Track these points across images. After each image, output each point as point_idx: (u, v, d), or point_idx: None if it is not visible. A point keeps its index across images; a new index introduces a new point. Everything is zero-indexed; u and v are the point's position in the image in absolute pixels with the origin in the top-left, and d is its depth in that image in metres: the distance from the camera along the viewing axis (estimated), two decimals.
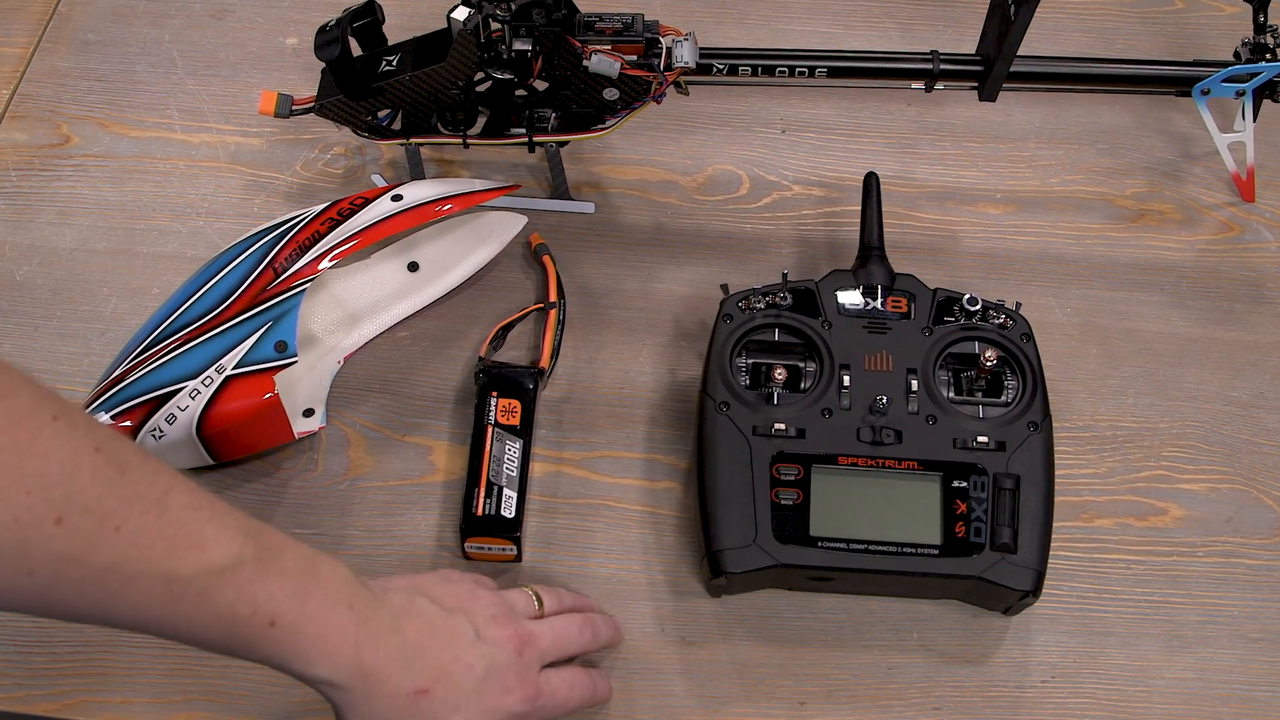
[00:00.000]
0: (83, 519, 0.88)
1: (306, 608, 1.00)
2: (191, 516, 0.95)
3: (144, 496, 0.92)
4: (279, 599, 0.98)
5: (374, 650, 1.03)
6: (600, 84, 1.39)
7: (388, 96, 1.41)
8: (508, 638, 1.12)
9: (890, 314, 1.33)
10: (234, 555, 0.96)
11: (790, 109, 1.66)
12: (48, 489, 0.87)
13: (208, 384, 1.27)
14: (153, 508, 0.92)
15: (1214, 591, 1.33)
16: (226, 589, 0.95)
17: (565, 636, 1.19)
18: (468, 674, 1.08)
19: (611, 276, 1.51)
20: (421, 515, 1.35)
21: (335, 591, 1.03)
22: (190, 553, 0.93)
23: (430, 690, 1.05)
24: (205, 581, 0.94)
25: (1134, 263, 1.54)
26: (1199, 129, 1.55)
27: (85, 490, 0.89)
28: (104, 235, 1.53)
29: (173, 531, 0.93)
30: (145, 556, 0.91)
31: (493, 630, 1.12)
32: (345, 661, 1.01)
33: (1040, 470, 1.26)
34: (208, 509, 0.96)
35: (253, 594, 0.97)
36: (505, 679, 1.10)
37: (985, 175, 1.61)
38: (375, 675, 1.03)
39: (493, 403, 1.35)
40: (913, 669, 1.28)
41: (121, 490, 0.91)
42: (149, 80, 1.66)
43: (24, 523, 0.86)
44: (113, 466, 0.91)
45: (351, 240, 1.35)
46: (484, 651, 1.10)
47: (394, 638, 1.05)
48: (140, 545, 0.91)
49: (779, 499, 1.24)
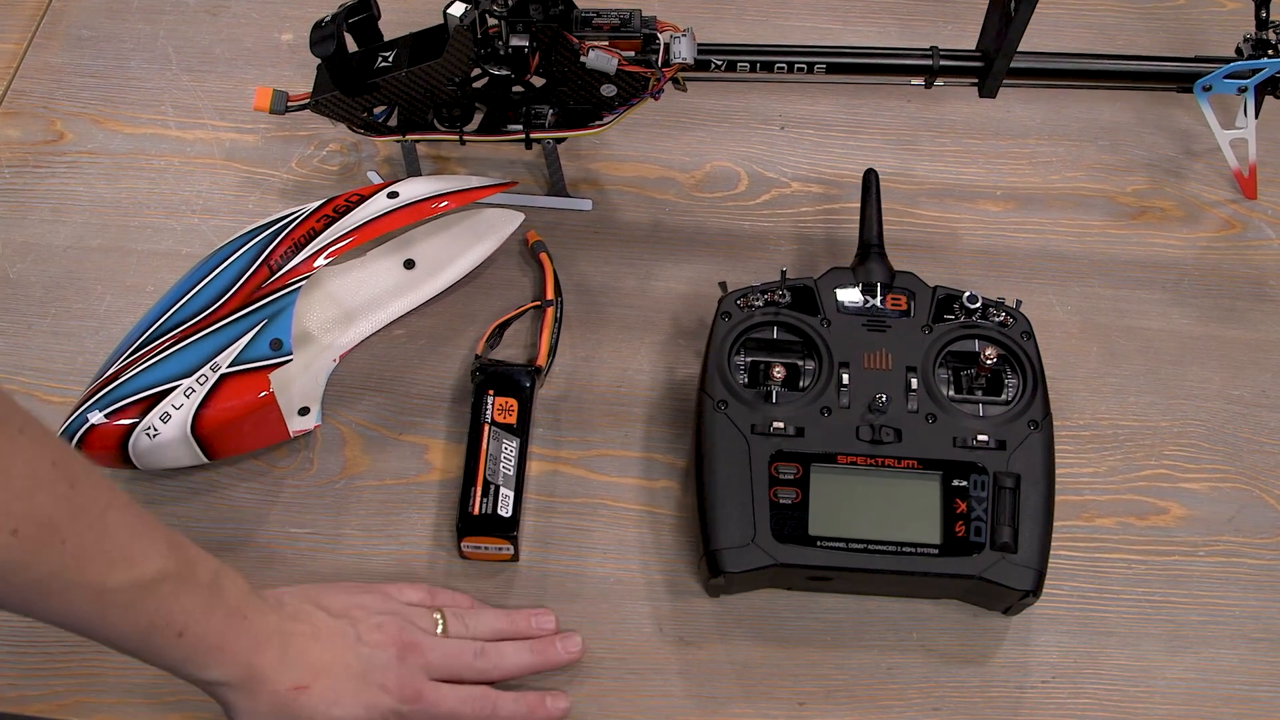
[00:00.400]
0: (35, 532, 0.92)
1: (211, 620, 1.06)
2: (125, 531, 1.00)
3: (88, 511, 0.96)
4: (190, 612, 1.04)
5: (261, 652, 1.09)
6: (597, 80, 1.39)
7: (383, 93, 1.41)
8: (389, 641, 1.17)
9: (890, 312, 1.33)
10: (159, 570, 1.01)
11: (789, 105, 1.66)
12: (9, 502, 0.90)
13: (202, 382, 1.27)
14: (95, 523, 0.97)
15: (1216, 591, 1.33)
16: (149, 601, 1.01)
17: (455, 658, 1.21)
18: (345, 672, 1.14)
19: (609, 274, 1.51)
20: (418, 515, 1.35)
21: (235, 603, 1.09)
22: (122, 567, 0.99)
23: (310, 686, 1.11)
24: (132, 594, 1.00)
25: (1135, 260, 1.54)
26: (1200, 125, 1.55)
27: (41, 505, 0.92)
28: (98, 232, 1.52)
29: (109, 546, 0.98)
30: (82, 569, 0.96)
31: (374, 635, 1.17)
32: (236, 664, 1.08)
33: (1041, 469, 1.26)
34: (139, 523, 1.01)
35: (169, 607, 1.02)
36: (384, 678, 1.15)
37: (985, 172, 1.61)
38: (260, 674, 1.09)
39: (489, 401, 1.35)
40: (912, 669, 1.28)
41: (71, 505, 0.95)
42: (143, 76, 1.66)
43: None
44: (65, 481, 0.95)
45: (347, 237, 1.35)
46: (363, 652, 1.16)
47: (279, 641, 1.11)
48: (80, 559, 0.96)
49: (778, 498, 1.24)
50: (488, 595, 1.30)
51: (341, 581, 1.25)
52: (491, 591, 1.30)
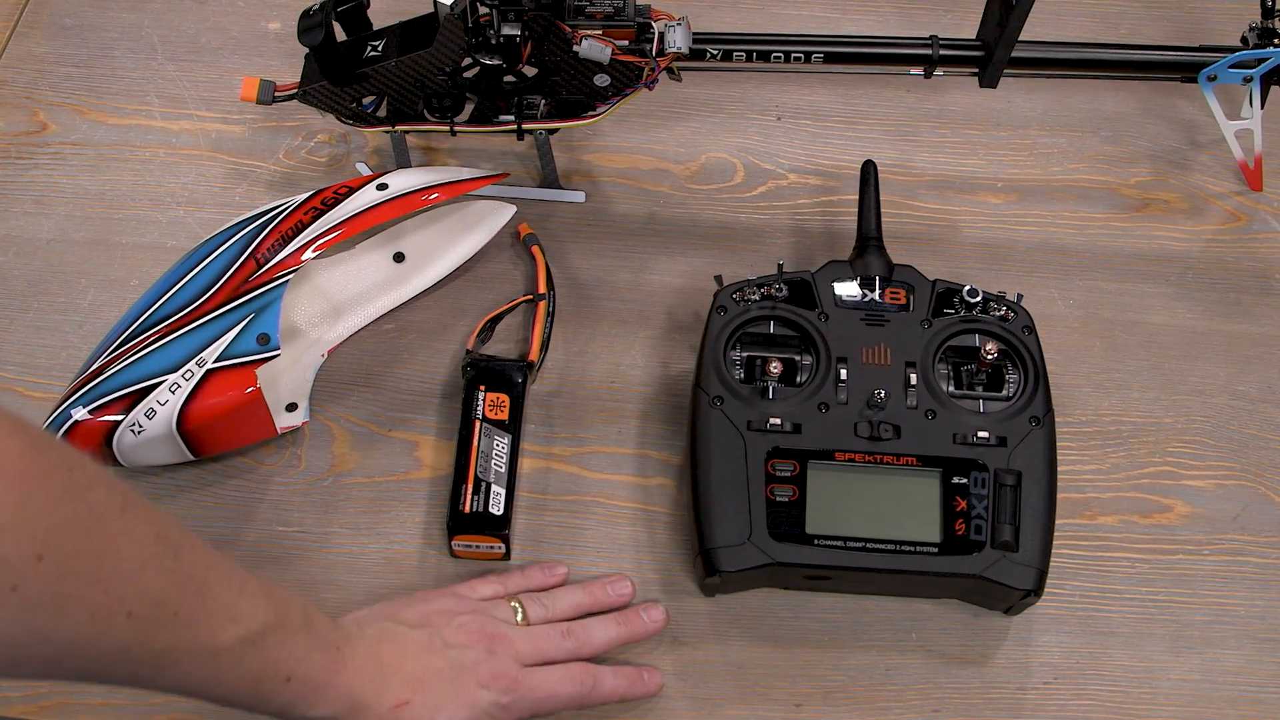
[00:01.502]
0: (149, 610, 0.93)
1: (313, 659, 1.07)
2: (226, 590, 1.00)
3: (194, 579, 0.97)
4: (295, 656, 1.06)
5: (358, 680, 1.11)
6: (591, 70, 1.39)
7: (373, 83, 1.41)
8: (474, 639, 1.19)
9: (888, 306, 1.33)
10: (262, 623, 1.02)
11: (786, 95, 1.66)
12: (122, 586, 0.90)
13: (188, 378, 1.26)
14: (200, 588, 0.97)
15: (1221, 590, 1.33)
16: (256, 655, 1.02)
17: (543, 641, 1.22)
18: (439, 678, 1.16)
19: (602, 267, 1.51)
20: (407, 512, 1.35)
21: (328, 638, 1.10)
22: (230, 626, 0.99)
23: (410, 701, 1.13)
24: (240, 651, 1.00)
25: (1138, 253, 1.53)
26: (1205, 116, 1.55)
27: (152, 583, 0.93)
28: (82, 225, 1.52)
29: (214, 608, 0.99)
30: (194, 636, 0.97)
31: (459, 636, 1.19)
32: (340, 697, 1.09)
33: (1042, 466, 1.25)
34: (237, 580, 1.02)
35: (276, 656, 1.04)
36: (478, 674, 1.17)
37: (986, 163, 1.60)
38: (362, 701, 1.11)
39: (480, 397, 1.35)
40: (912, 670, 1.28)
41: (178, 577, 0.96)
42: (128, 66, 1.66)
43: (98, 619, 0.89)
44: (170, 554, 0.95)
45: (336, 230, 1.35)
46: (452, 655, 1.17)
47: (372, 665, 1.13)
48: (192, 626, 0.97)
49: (774, 496, 1.23)
50: None
51: (411, 595, 1.26)
52: None
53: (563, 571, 1.30)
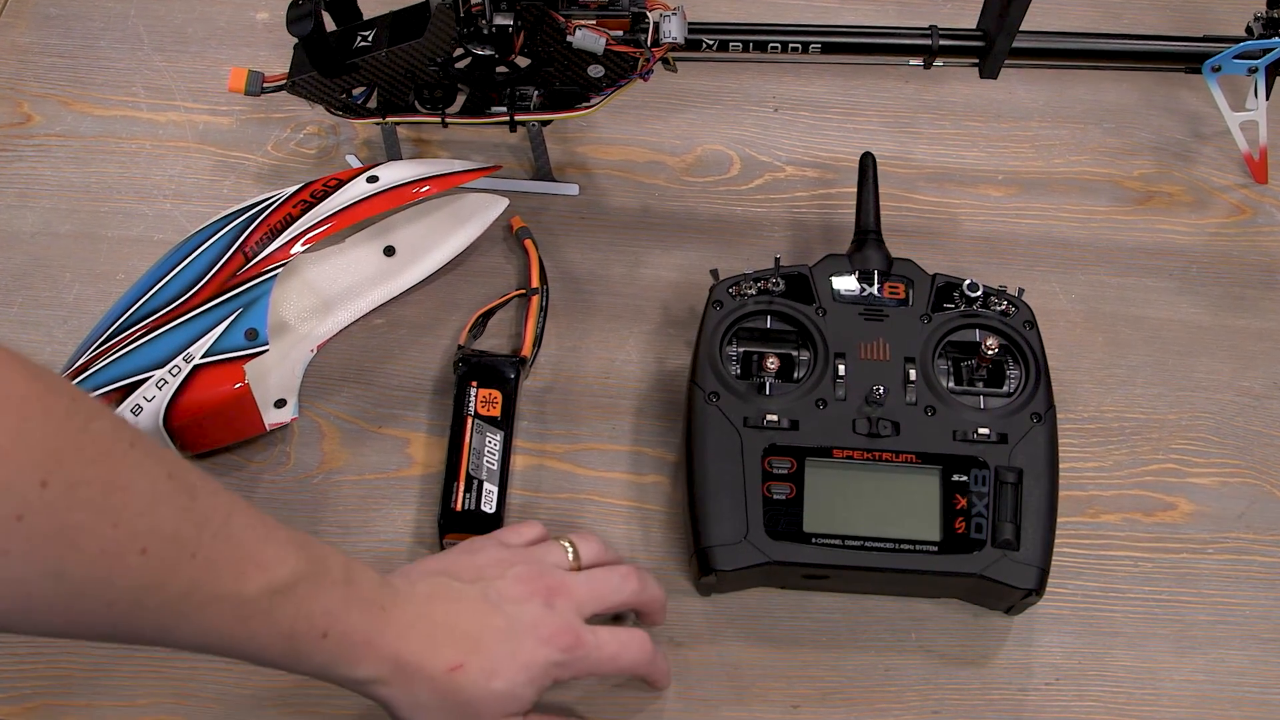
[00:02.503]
0: (164, 548, 0.92)
1: (351, 615, 1.04)
2: (252, 537, 0.99)
3: (212, 521, 0.95)
4: (331, 611, 1.03)
5: (405, 641, 1.07)
6: (585, 60, 1.38)
7: (363, 73, 1.41)
8: (533, 592, 1.15)
9: (887, 300, 1.33)
10: (293, 571, 1.00)
11: (783, 86, 1.65)
12: (133, 520, 0.89)
13: (175, 373, 1.26)
14: (221, 530, 0.96)
15: (1225, 590, 1.33)
16: (288, 606, 1.00)
17: (604, 586, 1.19)
18: (496, 637, 1.11)
19: (596, 261, 1.51)
20: (398, 510, 1.34)
21: (371, 595, 1.07)
22: (256, 573, 0.98)
23: (464, 664, 1.09)
24: (269, 601, 0.99)
25: (1141, 247, 1.53)
26: (1209, 107, 1.55)
27: (166, 519, 0.92)
28: (66, 218, 1.52)
29: (239, 554, 0.97)
30: (217, 581, 0.95)
31: (515, 589, 1.14)
32: (383, 657, 1.06)
33: (1043, 463, 1.25)
34: (264, 527, 1.00)
35: (310, 608, 1.01)
36: (538, 631, 1.13)
37: (986, 156, 1.60)
38: (411, 663, 1.07)
39: (472, 393, 1.35)
40: (911, 671, 1.28)
41: (194, 516, 0.94)
42: (113, 56, 1.65)
43: (111, 554, 0.88)
44: (184, 492, 0.94)
45: (325, 223, 1.34)
46: (509, 611, 1.13)
47: (422, 624, 1.09)
48: (213, 570, 0.95)
49: (771, 493, 1.23)
50: None
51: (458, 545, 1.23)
52: None
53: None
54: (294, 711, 1.19)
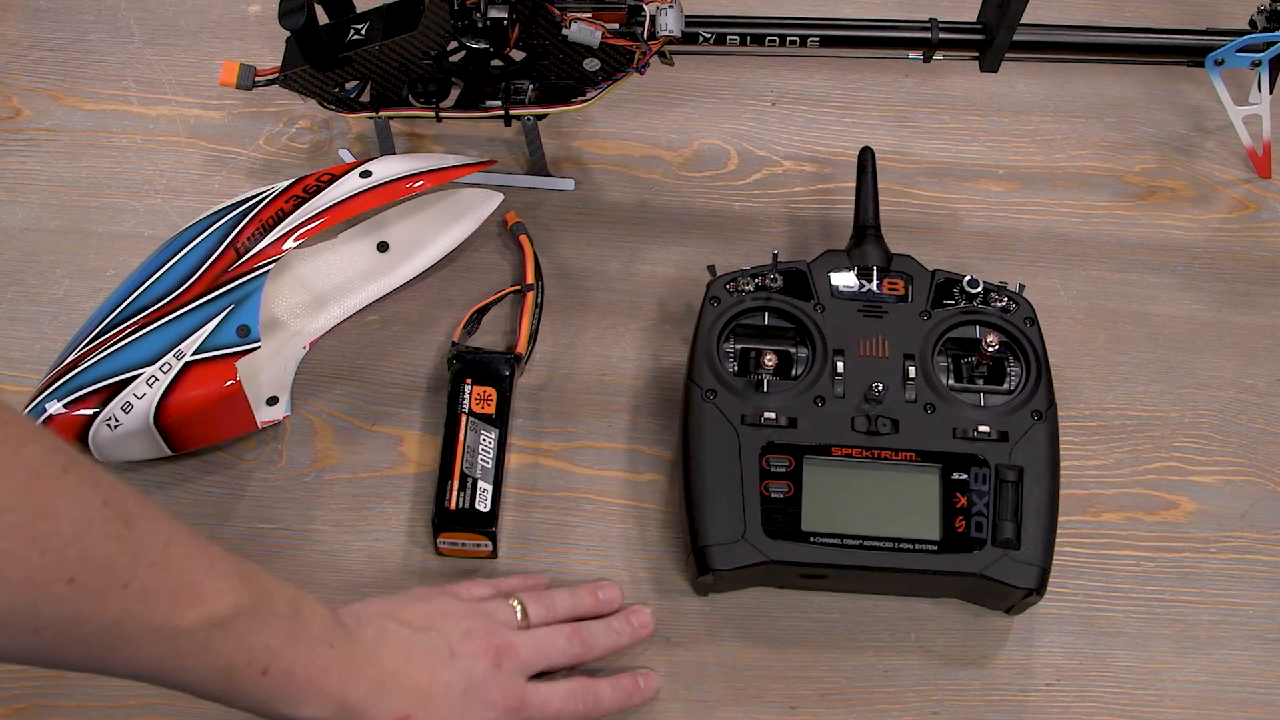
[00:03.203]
0: (94, 578, 0.90)
1: (296, 653, 1.03)
2: (191, 567, 0.97)
3: (149, 550, 0.94)
4: (272, 647, 1.01)
5: (354, 684, 1.06)
6: (580, 54, 1.38)
7: (356, 67, 1.40)
8: (483, 650, 1.15)
9: (886, 297, 1.32)
10: (232, 605, 0.98)
11: (781, 80, 1.65)
12: (61, 549, 0.88)
13: (166, 370, 1.26)
14: (157, 561, 0.94)
15: (1228, 589, 1.32)
16: (225, 640, 0.98)
17: (549, 647, 1.20)
18: (446, 693, 1.12)
19: (592, 257, 1.50)
20: (392, 509, 1.34)
21: (318, 633, 1.06)
22: (193, 606, 0.96)
23: (411, 715, 1.09)
24: (206, 634, 0.97)
25: (1144, 242, 1.53)
26: (1212, 101, 1.54)
27: (96, 548, 0.90)
28: (56, 213, 1.51)
29: (176, 584, 0.95)
30: (150, 613, 0.93)
31: (467, 645, 1.15)
32: (328, 698, 1.04)
33: (1044, 462, 1.25)
34: (205, 558, 0.98)
35: (249, 644, 1.00)
36: (486, 692, 1.14)
37: (987, 150, 1.60)
38: (357, 708, 1.06)
39: (467, 390, 1.35)
40: (910, 671, 1.27)
41: (129, 546, 0.92)
42: (104, 50, 1.65)
43: (37, 583, 0.87)
44: (119, 520, 0.92)
45: (318, 219, 1.34)
46: (460, 667, 1.13)
47: (371, 669, 1.08)
48: (146, 601, 0.93)
49: (769, 492, 1.23)
50: None
51: (408, 591, 1.23)
52: None
53: (544, 580, 1.29)
54: None
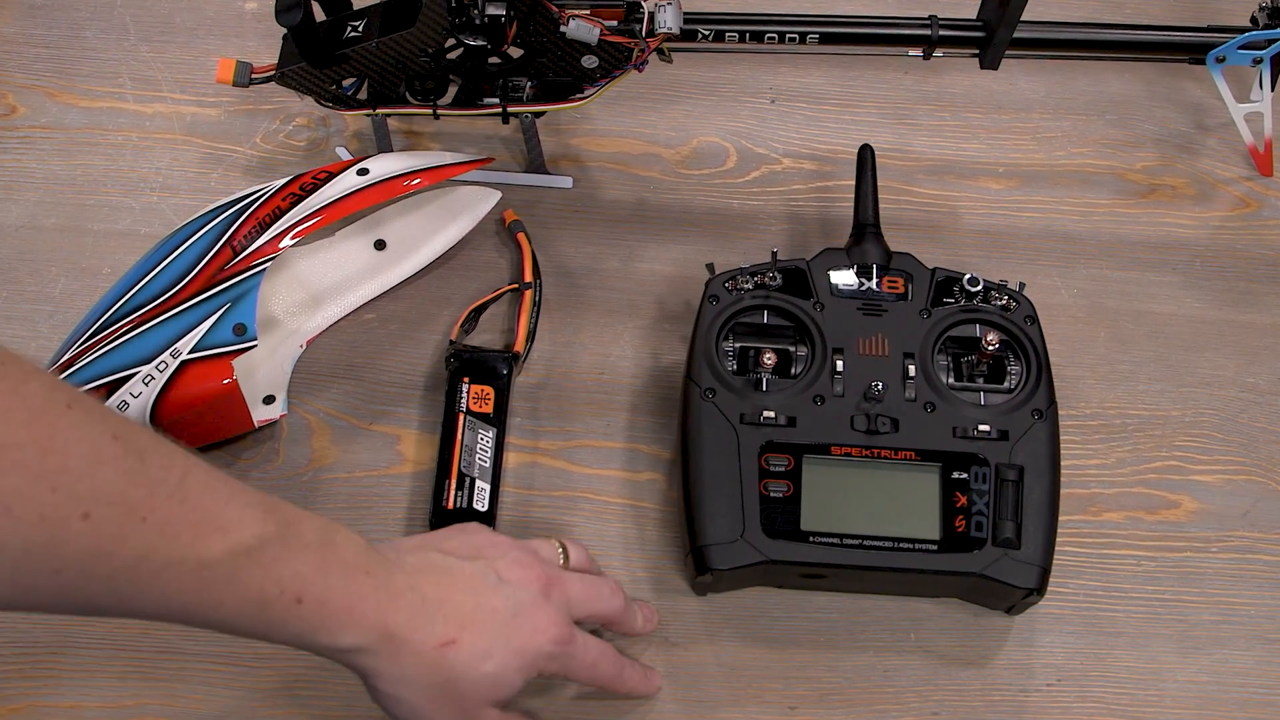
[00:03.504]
0: (110, 511, 0.89)
1: (330, 580, 1.01)
2: (211, 499, 0.96)
3: (165, 482, 0.93)
4: (304, 575, 0.99)
5: (395, 610, 1.04)
6: (578, 51, 1.38)
7: (353, 64, 1.40)
8: (532, 578, 1.13)
9: (886, 295, 1.32)
10: (257, 534, 0.97)
11: (780, 77, 1.65)
12: (73, 484, 0.87)
13: (162, 369, 1.26)
14: (175, 493, 0.93)
15: (1230, 589, 1.32)
16: (254, 570, 0.97)
17: (596, 591, 1.18)
18: (492, 618, 1.09)
19: (590, 255, 1.50)
20: (389, 508, 1.34)
21: (353, 560, 1.04)
22: (216, 536, 0.94)
23: (457, 640, 1.06)
24: (233, 564, 0.95)
25: (1145, 240, 1.53)
26: (1213, 98, 1.54)
27: (110, 482, 0.89)
28: (52, 211, 1.51)
29: (197, 516, 0.94)
30: (173, 544, 0.92)
31: (515, 571, 1.12)
32: (369, 626, 1.02)
33: (1045, 461, 1.25)
34: (225, 489, 0.97)
35: (279, 572, 0.98)
36: (534, 618, 1.10)
37: (987, 148, 1.60)
38: (399, 635, 1.04)
39: (464, 389, 1.34)
40: (910, 671, 1.27)
41: (144, 478, 0.91)
42: (99, 47, 1.64)
43: (51, 520, 0.86)
44: (132, 454, 0.91)
45: (315, 217, 1.34)
46: (508, 593, 1.10)
47: (413, 595, 1.05)
48: (167, 533, 0.92)
49: (768, 491, 1.23)
50: None
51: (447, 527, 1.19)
52: None
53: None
54: (282, 711, 1.19)
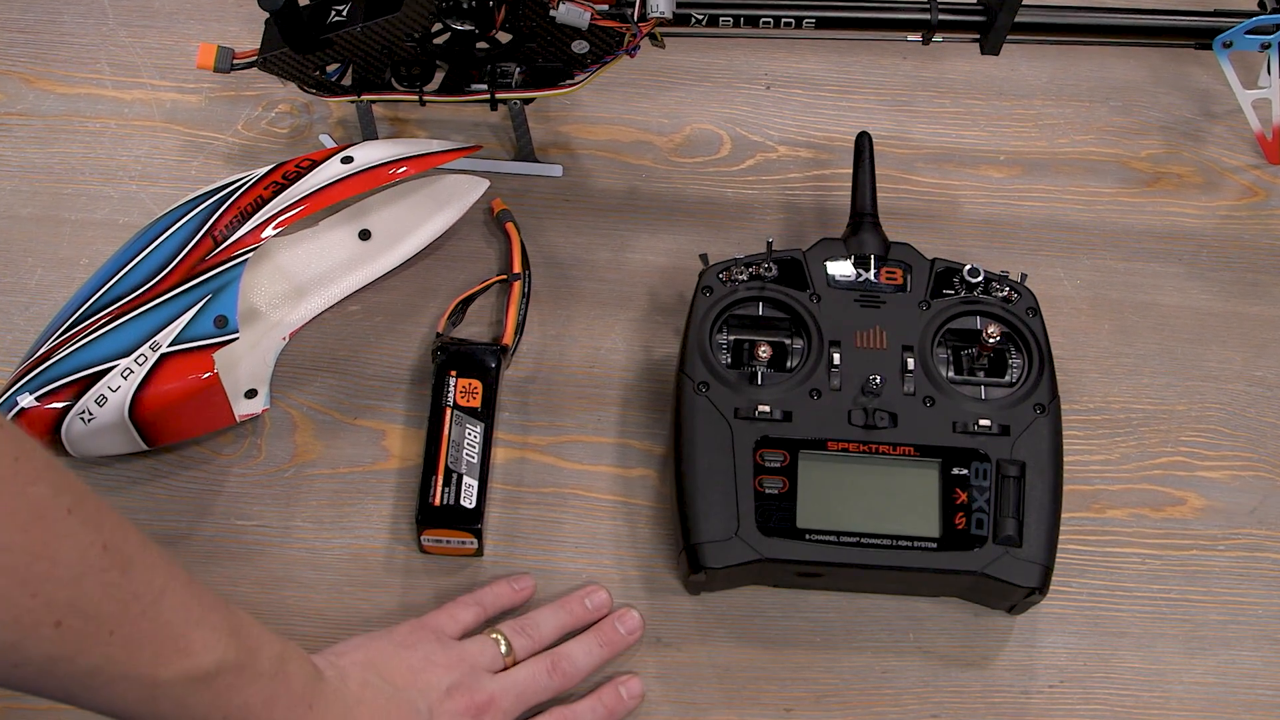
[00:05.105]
0: (81, 624, 0.90)
1: (274, 714, 1.03)
2: (182, 618, 0.97)
3: (141, 598, 0.94)
4: (251, 705, 1.01)
5: None
6: (568, 36, 1.38)
7: (337, 49, 1.40)
8: (463, 709, 1.16)
9: (884, 286, 1.32)
10: (217, 661, 0.98)
11: (775, 63, 1.65)
12: (53, 592, 0.88)
13: (141, 362, 1.25)
14: (148, 610, 0.94)
15: (1237, 588, 1.32)
16: (204, 695, 0.99)
17: (530, 690, 1.20)
18: None
19: (581, 245, 1.50)
20: (374, 505, 1.34)
21: (300, 692, 1.06)
22: (176, 658, 0.96)
23: None
24: (186, 688, 0.97)
25: (1150, 230, 1.53)
26: (1220, 85, 1.54)
27: (89, 595, 0.90)
28: (28, 200, 1.51)
29: (163, 635, 0.95)
30: (132, 661, 0.94)
31: (447, 705, 1.15)
32: None
33: (1047, 456, 1.25)
34: (198, 608, 0.98)
35: (228, 701, 1.00)
36: None
37: (988, 135, 1.60)
38: None
39: (451, 383, 1.34)
40: (909, 672, 1.27)
41: (122, 593, 0.93)
42: (77, 32, 1.64)
43: (24, 624, 0.87)
44: (116, 567, 0.92)
45: (298, 206, 1.34)
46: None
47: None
48: (129, 650, 0.93)
49: (763, 488, 1.23)
50: (450, 593, 1.28)
51: (394, 631, 1.21)
52: (453, 589, 1.29)
53: (529, 583, 1.29)
54: None
